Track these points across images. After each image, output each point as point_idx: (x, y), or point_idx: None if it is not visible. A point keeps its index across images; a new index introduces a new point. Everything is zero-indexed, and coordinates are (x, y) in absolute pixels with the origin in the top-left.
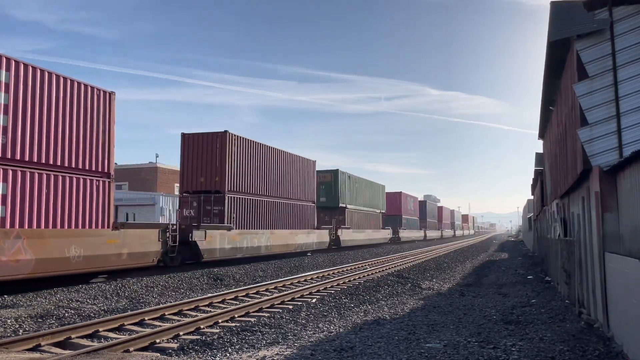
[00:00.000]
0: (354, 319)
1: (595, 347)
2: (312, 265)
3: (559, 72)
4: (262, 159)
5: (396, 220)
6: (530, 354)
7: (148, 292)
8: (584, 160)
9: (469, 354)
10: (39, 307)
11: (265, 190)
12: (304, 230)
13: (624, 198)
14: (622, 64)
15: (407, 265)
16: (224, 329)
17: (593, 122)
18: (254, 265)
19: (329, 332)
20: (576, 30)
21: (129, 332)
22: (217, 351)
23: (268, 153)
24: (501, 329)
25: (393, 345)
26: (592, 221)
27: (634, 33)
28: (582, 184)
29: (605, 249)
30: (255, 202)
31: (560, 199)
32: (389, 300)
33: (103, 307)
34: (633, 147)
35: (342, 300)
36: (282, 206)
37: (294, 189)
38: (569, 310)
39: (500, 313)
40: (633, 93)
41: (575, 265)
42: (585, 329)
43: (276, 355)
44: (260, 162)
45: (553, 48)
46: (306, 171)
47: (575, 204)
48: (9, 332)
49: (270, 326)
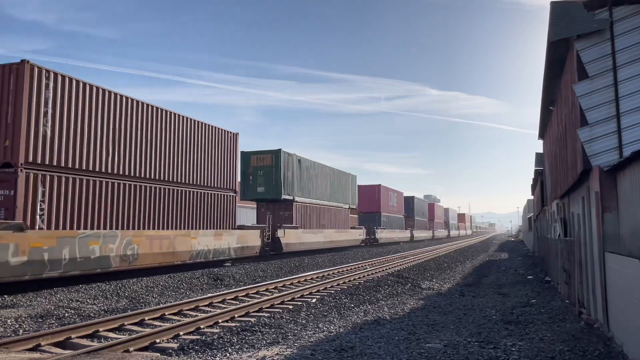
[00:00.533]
0: (354, 319)
1: (595, 347)
2: (312, 265)
3: (559, 72)
4: (121, 118)
5: (374, 218)
6: (530, 354)
7: (148, 292)
8: (584, 160)
9: (469, 354)
10: (39, 307)
11: (133, 168)
12: (209, 232)
13: (624, 198)
14: (622, 64)
15: (405, 266)
16: (224, 329)
17: (593, 122)
18: (254, 265)
19: (329, 332)
20: (576, 30)
21: (129, 332)
22: (217, 351)
23: (143, 113)
24: (501, 329)
25: (393, 345)
26: (592, 221)
27: (634, 33)
28: (582, 184)
29: (605, 249)
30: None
31: (560, 199)
32: (389, 300)
33: (103, 307)
34: (633, 147)
35: (342, 300)
36: (166, 194)
37: (198, 170)
38: (569, 310)
39: (500, 313)
40: (633, 93)
41: (575, 265)
42: (585, 329)
43: (276, 355)
44: (116, 121)
45: (553, 48)
46: (222, 147)
47: (575, 204)
48: (9, 332)
49: (270, 326)
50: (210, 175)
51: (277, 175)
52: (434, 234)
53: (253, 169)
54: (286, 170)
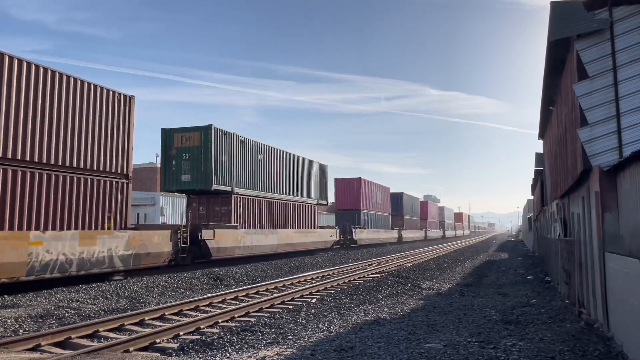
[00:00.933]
0: (354, 319)
1: (595, 347)
2: (312, 265)
3: (559, 72)
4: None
5: (353, 216)
6: (530, 354)
7: (148, 292)
8: (584, 160)
9: (469, 354)
10: (39, 307)
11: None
12: (69, 233)
13: (624, 198)
14: (622, 64)
15: (406, 266)
16: (224, 329)
17: (593, 122)
18: (254, 265)
19: (329, 332)
20: (576, 30)
21: (129, 332)
22: (217, 351)
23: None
24: (501, 329)
25: (393, 345)
26: (592, 221)
27: (634, 33)
28: (582, 184)
29: (605, 248)
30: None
31: (560, 199)
32: (389, 300)
33: (103, 307)
34: (633, 147)
35: (342, 300)
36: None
37: (62, 145)
38: (569, 310)
39: (500, 313)
40: (633, 93)
41: (575, 265)
42: (585, 329)
43: (276, 355)
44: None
45: (553, 48)
46: (106, 114)
47: (575, 204)
48: (9, 332)
49: (270, 326)
50: (84, 154)
51: (207, 159)
52: (427, 235)
53: (177, 151)
54: (220, 153)
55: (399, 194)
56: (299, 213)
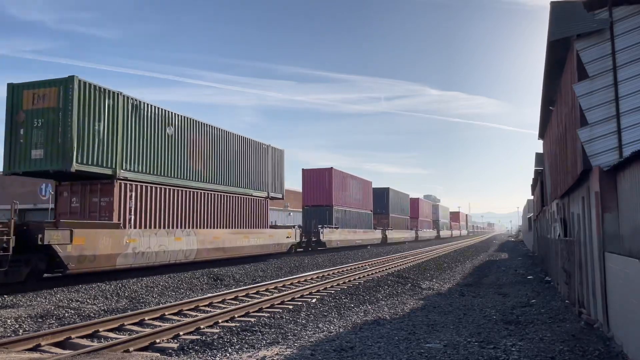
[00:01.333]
0: (354, 319)
1: (595, 347)
2: (312, 265)
3: (559, 72)
4: None
5: (323, 213)
6: (530, 354)
7: (148, 292)
8: (584, 160)
9: (469, 354)
10: (39, 307)
11: None
12: None
13: (624, 198)
14: (622, 64)
15: (405, 266)
16: (224, 329)
17: (593, 122)
18: (254, 265)
19: (329, 332)
20: (576, 30)
21: (129, 332)
22: (217, 351)
23: None
24: (501, 329)
25: (393, 345)
26: (592, 221)
27: (634, 33)
28: (582, 184)
29: (605, 249)
30: None
31: (560, 199)
32: (389, 300)
33: (103, 307)
34: (633, 147)
35: (342, 300)
36: None
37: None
38: (569, 310)
39: (500, 313)
40: (633, 93)
41: (575, 265)
42: (585, 329)
43: (276, 355)
44: None
45: (553, 48)
46: None
47: (575, 204)
48: (9, 332)
49: (270, 326)
50: None
51: (67, 126)
52: (418, 235)
53: (27, 116)
54: (91, 119)
55: (384, 189)
56: (239, 208)
